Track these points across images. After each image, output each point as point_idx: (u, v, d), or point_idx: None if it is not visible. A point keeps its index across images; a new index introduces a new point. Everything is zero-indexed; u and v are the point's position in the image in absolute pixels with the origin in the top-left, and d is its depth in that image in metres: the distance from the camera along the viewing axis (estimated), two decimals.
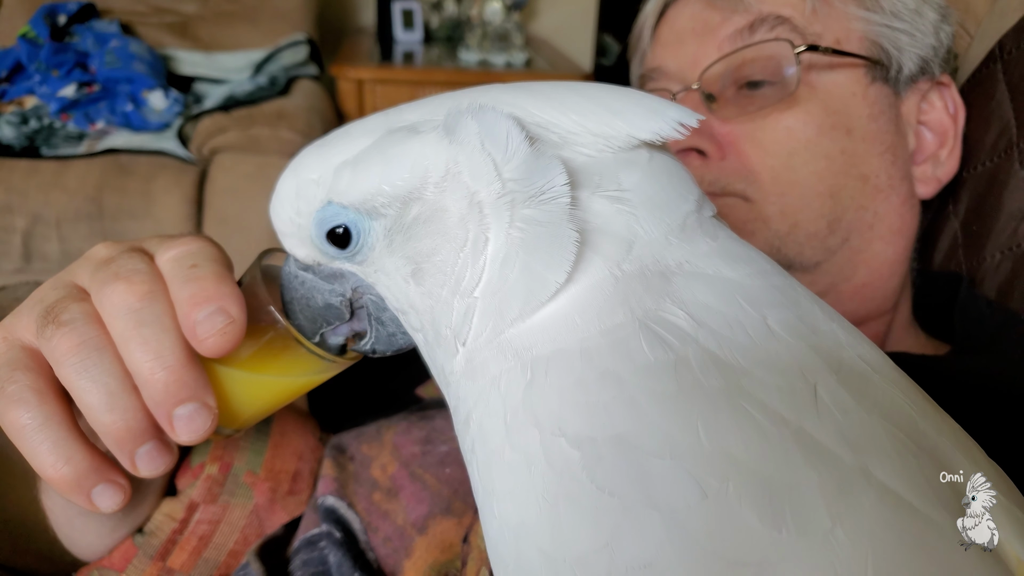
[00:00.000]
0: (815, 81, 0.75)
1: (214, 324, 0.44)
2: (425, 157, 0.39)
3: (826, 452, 0.30)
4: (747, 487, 0.29)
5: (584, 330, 0.35)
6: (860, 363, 0.35)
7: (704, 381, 0.32)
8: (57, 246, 2.25)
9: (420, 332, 0.43)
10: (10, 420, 0.45)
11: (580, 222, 0.37)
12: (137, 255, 0.49)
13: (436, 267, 0.39)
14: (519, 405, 0.34)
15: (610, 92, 0.41)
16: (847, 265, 0.77)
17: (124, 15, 2.89)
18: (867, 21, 0.76)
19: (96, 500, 0.47)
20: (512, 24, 3.18)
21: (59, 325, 0.45)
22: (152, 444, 0.47)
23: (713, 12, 0.79)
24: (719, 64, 0.76)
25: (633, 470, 0.30)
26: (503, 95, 0.41)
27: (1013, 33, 0.82)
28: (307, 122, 2.43)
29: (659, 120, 0.39)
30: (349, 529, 0.64)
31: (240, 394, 0.50)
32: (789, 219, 0.75)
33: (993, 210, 0.81)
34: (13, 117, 2.43)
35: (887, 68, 0.77)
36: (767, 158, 0.75)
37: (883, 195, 0.77)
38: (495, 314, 0.37)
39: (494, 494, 0.34)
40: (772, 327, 0.35)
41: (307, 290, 0.47)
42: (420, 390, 0.83)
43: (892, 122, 0.78)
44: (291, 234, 0.46)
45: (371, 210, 0.41)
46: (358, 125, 0.44)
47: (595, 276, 0.36)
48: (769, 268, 0.39)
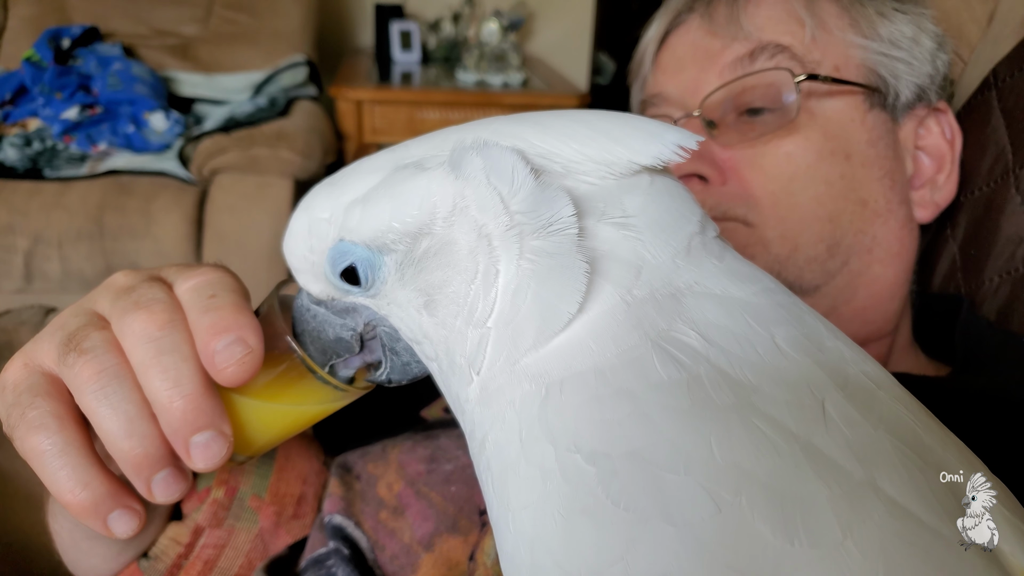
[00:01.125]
0: (814, 108, 0.76)
1: (233, 354, 0.45)
2: (432, 193, 0.39)
3: (835, 466, 0.30)
4: (760, 500, 0.29)
5: (599, 354, 0.36)
6: (865, 379, 0.35)
7: (716, 398, 0.32)
8: (58, 266, 2.26)
9: (435, 361, 0.43)
10: (31, 445, 0.46)
11: (588, 250, 0.38)
12: (157, 284, 0.49)
13: (448, 298, 0.40)
14: (534, 421, 0.35)
15: (609, 119, 0.42)
16: (847, 288, 0.78)
17: (127, 38, 2.92)
18: (865, 49, 0.78)
19: (112, 525, 0.48)
20: (509, 44, 3.21)
21: (80, 353, 0.46)
22: (168, 471, 0.47)
23: (714, 39, 0.80)
24: (720, 91, 0.77)
25: (648, 485, 0.31)
26: (505, 127, 0.41)
27: (1007, 61, 0.84)
28: (306, 142, 2.45)
29: (659, 144, 0.39)
30: (357, 547, 0.65)
31: (255, 422, 0.51)
32: (789, 243, 0.75)
33: (991, 234, 0.82)
34: (17, 139, 2.45)
35: (885, 95, 0.78)
36: (768, 183, 0.76)
37: (882, 219, 0.78)
38: (509, 343, 0.38)
39: (509, 508, 0.35)
40: (779, 344, 0.35)
41: (318, 323, 0.48)
42: (425, 412, 0.83)
43: (890, 147, 0.79)
44: (305, 270, 0.46)
45: (382, 246, 0.42)
46: (366, 163, 0.44)
47: (607, 303, 0.37)
48: (774, 287, 0.40)
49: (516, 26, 3.36)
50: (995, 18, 0.92)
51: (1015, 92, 0.81)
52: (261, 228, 2.32)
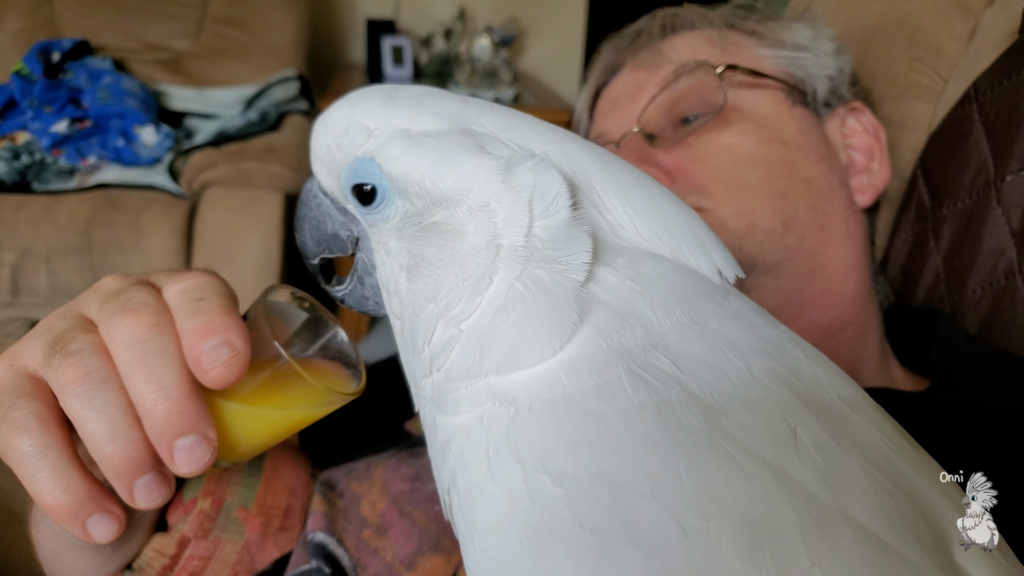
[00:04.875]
0: (742, 105, 0.81)
1: (219, 356, 0.45)
2: (476, 179, 0.39)
3: (805, 492, 0.30)
4: (727, 526, 0.29)
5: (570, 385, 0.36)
6: (840, 404, 0.35)
7: (686, 422, 0.32)
8: (46, 280, 2.25)
9: (398, 320, 0.44)
10: (12, 446, 0.45)
11: (587, 294, 0.38)
12: (145, 288, 0.49)
13: (432, 278, 0.40)
14: (502, 440, 0.35)
15: (671, 203, 0.42)
16: (806, 268, 0.80)
17: (117, 52, 2.92)
18: (776, 57, 0.85)
19: (91, 530, 0.47)
20: (500, 60, 3.22)
21: (66, 355, 0.46)
22: (151, 476, 0.47)
23: (640, 72, 0.87)
24: (653, 106, 0.82)
25: (615, 508, 0.31)
26: (579, 152, 0.41)
27: (987, 75, 0.84)
28: (297, 157, 2.44)
29: (703, 257, 0.41)
30: (339, 565, 0.64)
31: (240, 427, 0.50)
32: (745, 218, 0.78)
33: (973, 246, 0.83)
34: (5, 152, 2.44)
35: (803, 93, 0.84)
36: (713, 171, 0.79)
37: (827, 197, 0.81)
38: (475, 357, 0.38)
39: (475, 528, 0.35)
40: (755, 374, 0.35)
41: (321, 213, 0.49)
42: (409, 425, 0.83)
43: (820, 138, 0.84)
44: (322, 160, 0.47)
45: (402, 190, 0.42)
46: (433, 99, 0.44)
47: (586, 348, 0.37)
48: (761, 322, 0.40)
49: (507, 42, 3.38)
50: (976, 33, 0.93)
51: (995, 105, 0.82)
52: (251, 242, 2.32)
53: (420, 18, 3.60)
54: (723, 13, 0.90)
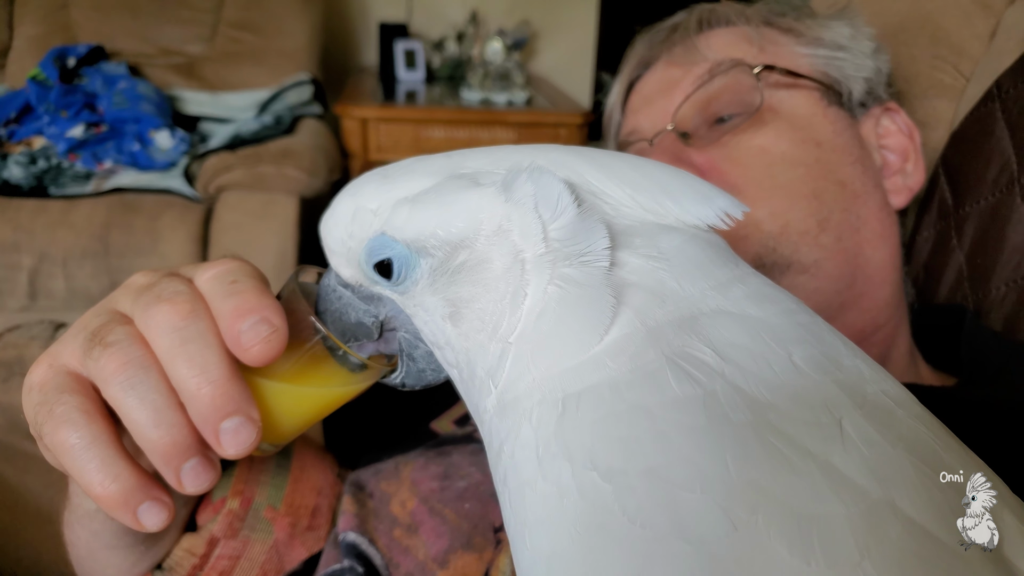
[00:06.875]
0: (777, 105, 0.81)
1: (258, 333, 0.45)
2: (481, 210, 0.40)
3: (853, 485, 0.30)
4: (776, 519, 0.29)
5: (615, 370, 0.36)
6: (883, 398, 0.35)
7: (732, 415, 0.32)
8: (63, 284, 2.26)
9: (455, 368, 0.44)
10: (59, 440, 0.46)
11: (617, 280, 0.39)
12: (176, 279, 0.50)
13: (475, 313, 0.41)
14: (551, 437, 0.35)
15: (667, 172, 0.43)
16: (847, 269, 0.79)
17: (132, 57, 2.94)
18: (813, 56, 0.84)
19: (142, 518, 0.47)
20: (513, 63, 3.23)
21: (105, 346, 0.46)
22: (197, 459, 0.47)
23: (675, 69, 0.86)
24: (687, 104, 0.82)
25: (664, 502, 0.31)
26: (563, 157, 0.43)
27: (1011, 73, 0.84)
28: (312, 160, 2.46)
29: (708, 207, 0.42)
30: (371, 565, 0.65)
31: (281, 406, 0.51)
32: (779, 219, 0.77)
33: (997, 244, 0.83)
34: (22, 157, 2.46)
35: (839, 93, 0.83)
36: (748, 172, 0.79)
37: (861, 200, 0.81)
38: (527, 361, 0.39)
39: (526, 524, 0.35)
40: (797, 362, 0.35)
41: (342, 305, 0.49)
42: (435, 424, 0.84)
43: (855, 139, 0.83)
44: (340, 253, 0.47)
45: (421, 249, 0.43)
46: (421, 164, 0.45)
47: (626, 328, 0.37)
48: (795, 307, 0.40)
49: (520, 45, 3.38)
50: (998, 32, 0.92)
51: (1019, 102, 0.82)
52: (267, 245, 2.33)
53: (432, 21, 3.61)
54: (760, 9, 0.88)
